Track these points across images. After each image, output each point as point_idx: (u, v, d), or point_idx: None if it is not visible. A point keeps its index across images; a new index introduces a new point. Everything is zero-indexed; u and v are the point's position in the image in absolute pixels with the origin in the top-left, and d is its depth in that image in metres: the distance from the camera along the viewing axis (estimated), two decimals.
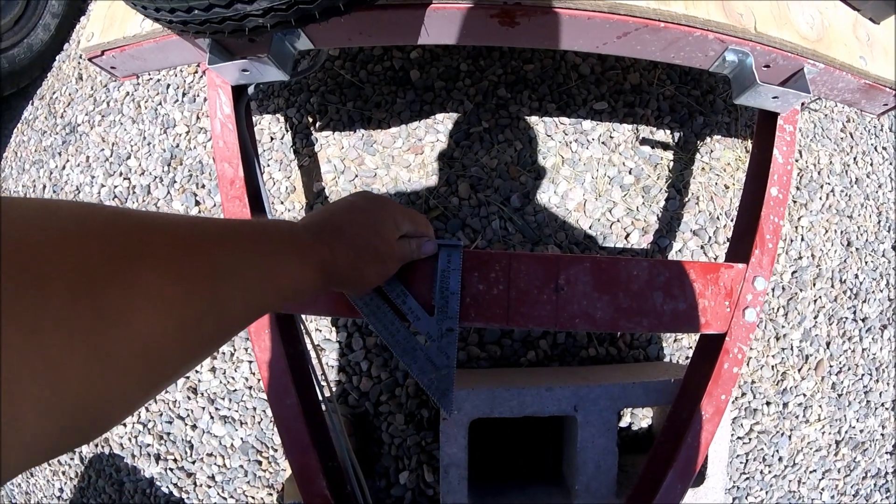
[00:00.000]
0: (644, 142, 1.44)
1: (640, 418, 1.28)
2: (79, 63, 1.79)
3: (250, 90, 0.93)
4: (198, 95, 1.56)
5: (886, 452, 1.36)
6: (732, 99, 0.83)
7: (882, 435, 1.36)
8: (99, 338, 0.24)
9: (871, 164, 1.54)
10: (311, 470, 0.77)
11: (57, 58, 1.85)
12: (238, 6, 0.64)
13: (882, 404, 1.37)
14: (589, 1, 0.72)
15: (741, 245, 0.86)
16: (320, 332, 1.31)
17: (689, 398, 0.83)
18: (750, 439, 1.32)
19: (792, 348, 1.37)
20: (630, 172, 1.41)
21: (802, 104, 0.89)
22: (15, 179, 1.67)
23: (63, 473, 1.39)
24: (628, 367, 1.22)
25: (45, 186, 1.60)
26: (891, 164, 1.55)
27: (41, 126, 1.72)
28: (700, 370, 0.84)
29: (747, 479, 1.30)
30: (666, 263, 0.78)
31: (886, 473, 1.35)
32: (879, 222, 1.49)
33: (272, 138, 1.46)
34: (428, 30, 0.78)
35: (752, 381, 1.34)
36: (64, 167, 1.60)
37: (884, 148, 1.57)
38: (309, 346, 0.84)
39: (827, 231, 1.45)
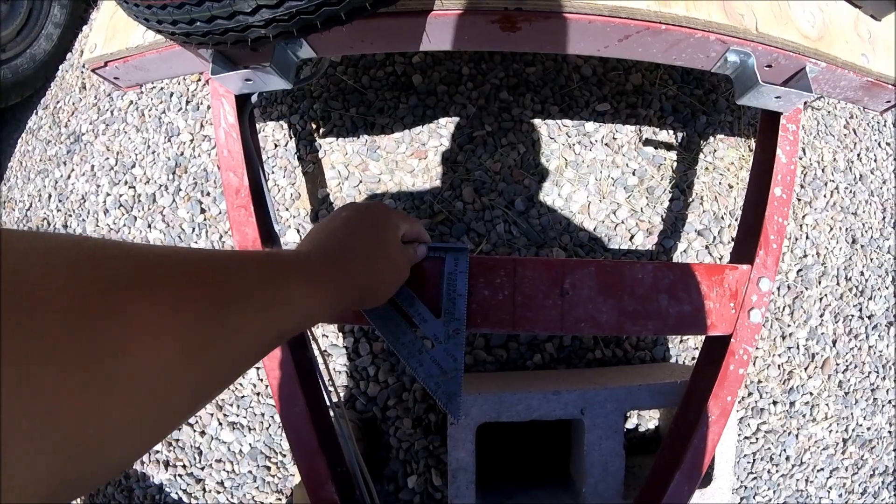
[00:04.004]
0: (647, 142, 1.44)
1: (647, 420, 1.28)
2: (82, 72, 1.80)
3: (253, 99, 0.93)
4: (201, 103, 1.57)
5: (894, 450, 1.35)
6: (735, 100, 0.83)
7: (889, 432, 1.36)
8: (94, 366, 0.23)
9: (875, 161, 1.54)
10: (320, 475, 0.77)
11: (60, 67, 1.86)
12: (240, 18, 0.64)
13: (889, 402, 1.37)
14: (590, 3, 0.73)
15: (745, 246, 0.86)
16: (327, 338, 1.31)
17: (695, 400, 0.83)
18: (757, 439, 1.31)
19: (798, 347, 1.36)
20: (634, 173, 1.41)
21: (805, 103, 0.89)
22: (20, 189, 1.68)
23: None
24: (634, 369, 1.22)
25: (50, 196, 1.61)
26: (895, 159, 1.55)
27: (45, 135, 1.73)
28: (706, 372, 0.84)
29: (755, 478, 1.30)
30: (671, 266, 0.78)
31: (894, 471, 1.35)
32: (884, 219, 1.48)
33: (276, 145, 1.47)
34: (429, 36, 0.79)
35: (759, 381, 1.34)
36: (69, 176, 1.61)
37: (887, 144, 1.56)
38: (316, 352, 0.84)
39: (832, 228, 1.45)
